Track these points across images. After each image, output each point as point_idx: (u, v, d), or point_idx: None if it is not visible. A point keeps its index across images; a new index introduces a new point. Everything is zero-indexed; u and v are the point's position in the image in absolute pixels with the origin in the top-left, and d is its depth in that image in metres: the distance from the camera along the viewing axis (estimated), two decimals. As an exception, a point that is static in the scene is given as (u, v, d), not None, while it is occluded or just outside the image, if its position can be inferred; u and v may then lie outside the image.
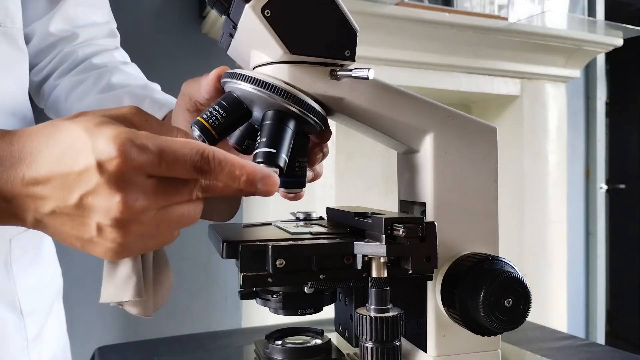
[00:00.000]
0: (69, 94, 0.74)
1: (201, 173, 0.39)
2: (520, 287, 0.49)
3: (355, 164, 1.96)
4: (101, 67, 0.76)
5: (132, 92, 0.70)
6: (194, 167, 0.38)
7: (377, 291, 0.45)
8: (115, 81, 0.73)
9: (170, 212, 0.40)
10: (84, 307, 1.70)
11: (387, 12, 1.61)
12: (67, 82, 0.75)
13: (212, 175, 0.39)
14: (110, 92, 0.71)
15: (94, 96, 0.71)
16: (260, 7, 0.46)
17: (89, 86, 0.73)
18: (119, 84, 0.72)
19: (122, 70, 0.76)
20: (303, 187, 0.53)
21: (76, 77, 0.75)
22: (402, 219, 0.45)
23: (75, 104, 0.73)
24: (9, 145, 0.39)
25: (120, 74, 0.75)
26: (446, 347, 0.53)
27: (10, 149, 0.39)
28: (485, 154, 0.55)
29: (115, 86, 0.72)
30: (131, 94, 0.70)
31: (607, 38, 2.00)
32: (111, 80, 0.73)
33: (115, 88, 0.72)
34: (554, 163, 2.04)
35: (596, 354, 0.76)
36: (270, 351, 0.56)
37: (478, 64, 1.86)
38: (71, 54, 0.77)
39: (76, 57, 0.77)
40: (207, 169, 0.38)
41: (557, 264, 2.05)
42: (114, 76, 0.73)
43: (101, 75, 0.74)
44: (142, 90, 0.71)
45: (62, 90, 0.75)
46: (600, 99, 2.55)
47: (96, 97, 0.71)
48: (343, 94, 0.50)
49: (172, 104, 0.68)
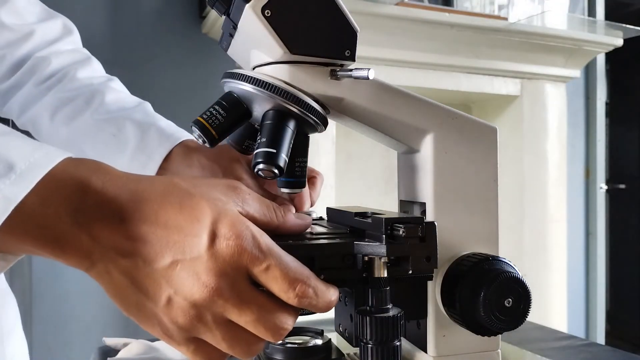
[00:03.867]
0: (54, 113, 0.69)
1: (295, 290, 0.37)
2: (520, 287, 0.49)
3: (355, 164, 1.96)
4: (87, 82, 0.71)
5: (134, 118, 0.67)
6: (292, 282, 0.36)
7: (377, 291, 0.45)
8: (109, 101, 0.69)
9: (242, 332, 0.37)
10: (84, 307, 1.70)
11: (387, 12, 1.61)
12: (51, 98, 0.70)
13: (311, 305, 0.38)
14: (107, 116, 0.67)
15: (89, 119, 0.67)
16: (260, 7, 0.46)
17: (80, 106, 0.68)
18: (114, 106, 0.68)
19: (111, 87, 0.72)
20: (303, 187, 0.54)
21: (62, 94, 0.70)
22: (402, 219, 0.45)
23: (64, 125, 0.68)
24: None
25: (111, 92, 0.70)
26: (446, 347, 0.53)
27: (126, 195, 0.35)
28: (485, 154, 0.55)
29: (111, 108, 0.68)
30: (134, 121, 0.66)
31: (607, 38, 2.00)
32: (105, 100, 0.69)
33: (112, 110, 0.68)
34: (554, 163, 2.04)
35: (596, 354, 0.76)
36: (270, 351, 0.56)
37: (478, 64, 1.86)
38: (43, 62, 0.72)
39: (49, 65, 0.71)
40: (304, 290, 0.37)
41: (557, 264, 2.05)
42: (106, 96, 0.69)
43: (93, 94, 0.69)
44: (144, 116, 0.68)
45: (46, 107, 0.70)
46: (600, 99, 2.55)
47: (93, 120, 0.67)
48: (343, 94, 0.50)
49: (178, 137, 0.65)
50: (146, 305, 0.35)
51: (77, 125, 0.68)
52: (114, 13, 1.73)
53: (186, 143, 0.66)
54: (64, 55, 0.74)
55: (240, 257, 0.35)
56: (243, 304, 0.35)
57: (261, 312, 0.36)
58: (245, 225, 0.35)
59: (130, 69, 1.72)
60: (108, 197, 0.35)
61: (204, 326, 0.35)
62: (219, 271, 0.34)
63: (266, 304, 0.36)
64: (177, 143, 0.65)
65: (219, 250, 0.34)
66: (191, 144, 0.65)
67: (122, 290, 0.36)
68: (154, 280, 0.35)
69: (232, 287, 0.35)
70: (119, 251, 0.34)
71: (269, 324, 0.36)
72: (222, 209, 0.36)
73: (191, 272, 0.34)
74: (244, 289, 0.35)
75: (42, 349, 1.67)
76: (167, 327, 0.36)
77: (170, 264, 0.34)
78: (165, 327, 0.36)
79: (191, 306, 0.35)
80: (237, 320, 0.36)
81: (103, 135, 0.66)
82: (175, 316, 0.35)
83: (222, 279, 0.34)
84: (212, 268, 0.34)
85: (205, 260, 0.34)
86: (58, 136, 0.69)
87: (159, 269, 0.34)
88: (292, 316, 0.38)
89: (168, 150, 0.64)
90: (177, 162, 0.64)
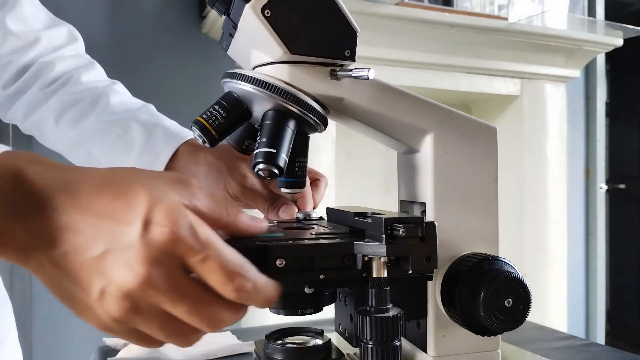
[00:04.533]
0: (60, 116, 0.69)
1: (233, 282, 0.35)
2: (520, 287, 0.49)
3: (355, 164, 1.96)
4: (91, 85, 0.72)
5: (140, 119, 0.67)
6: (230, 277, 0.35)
7: (377, 291, 0.45)
8: (114, 103, 0.69)
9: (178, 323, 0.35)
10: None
11: (387, 12, 1.61)
12: (56, 101, 0.70)
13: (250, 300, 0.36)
14: (113, 117, 0.68)
15: (94, 120, 0.68)
16: (260, 7, 0.46)
17: (85, 108, 0.69)
18: (119, 108, 0.69)
19: (115, 90, 0.72)
20: (303, 187, 0.54)
21: (67, 97, 0.70)
22: (402, 219, 0.45)
23: (69, 127, 0.69)
24: None
25: (115, 94, 0.71)
26: (446, 347, 0.53)
27: None
28: (485, 154, 0.55)
29: (116, 110, 0.69)
30: (139, 122, 0.67)
31: (607, 38, 1.99)
32: (110, 102, 0.69)
33: (117, 112, 0.68)
34: (554, 163, 2.04)
35: (596, 354, 0.76)
36: (270, 351, 0.56)
37: (478, 64, 1.85)
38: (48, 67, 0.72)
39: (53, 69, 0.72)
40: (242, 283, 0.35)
41: (557, 264, 2.05)
42: (111, 98, 0.70)
43: (98, 97, 0.70)
44: (150, 117, 0.68)
45: (50, 111, 0.70)
46: (600, 99, 2.55)
47: (98, 122, 0.67)
48: (343, 94, 0.50)
49: (184, 136, 0.66)
50: (80, 297, 0.34)
51: (83, 127, 0.68)
52: (113, 13, 1.73)
53: (192, 142, 0.66)
54: (68, 60, 0.74)
55: (175, 245, 0.33)
56: (177, 295, 0.34)
57: (196, 304, 0.35)
58: (182, 214, 0.34)
59: (130, 69, 1.72)
60: (41, 187, 0.34)
61: (139, 317, 0.34)
62: (151, 260, 0.33)
63: (202, 296, 0.35)
64: (183, 142, 0.65)
65: (152, 238, 0.33)
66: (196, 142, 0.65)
67: (57, 283, 0.34)
68: (86, 271, 0.33)
69: (166, 277, 0.33)
70: (50, 242, 0.33)
71: (204, 315, 0.35)
72: (159, 197, 0.34)
73: (123, 261, 0.33)
74: (178, 280, 0.34)
75: (42, 349, 1.67)
76: (103, 320, 0.34)
77: (101, 253, 0.33)
78: (101, 319, 0.34)
79: (124, 297, 0.33)
80: (172, 311, 0.34)
81: (109, 136, 0.67)
82: (109, 308, 0.33)
83: (155, 268, 0.33)
84: (145, 257, 0.33)
85: (137, 248, 0.33)
86: (64, 139, 0.70)
87: (90, 258, 0.33)
88: (229, 310, 0.36)
89: (174, 149, 0.65)
90: (184, 161, 0.65)
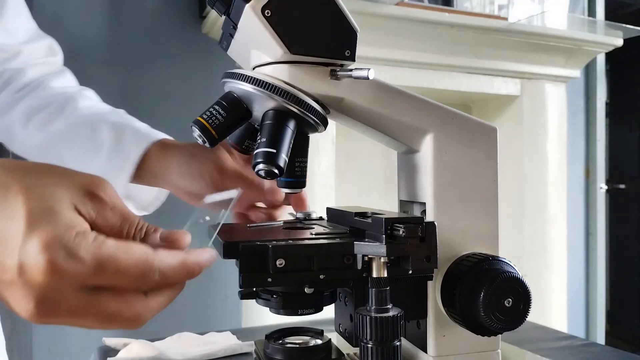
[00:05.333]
0: (28, 120, 0.67)
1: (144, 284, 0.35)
2: (520, 287, 0.49)
3: (355, 164, 1.96)
4: (61, 90, 0.70)
5: (109, 120, 0.65)
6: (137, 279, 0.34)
7: (377, 291, 0.45)
8: (82, 107, 0.68)
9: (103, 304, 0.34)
10: (84, 307, 1.70)
11: (387, 12, 1.61)
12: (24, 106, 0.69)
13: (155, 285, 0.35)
14: (81, 120, 0.66)
15: (62, 123, 0.66)
16: (260, 7, 0.46)
17: (54, 112, 0.67)
18: (88, 111, 0.67)
19: (85, 95, 0.70)
20: (303, 186, 0.54)
21: (36, 102, 0.68)
22: (402, 219, 0.45)
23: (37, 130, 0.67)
24: None
25: (84, 99, 0.69)
26: (446, 347, 0.53)
27: None
28: (485, 154, 0.55)
29: (84, 113, 0.67)
30: (108, 122, 0.65)
31: (607, 38, 1.99)
32: (78, 106, 0.67)
33: (86, 115, 0.66)
34: (554, 163, 2.04)
35: (596, 354, 0.76)
36: (270, 351, 0.56)
37: (478, 64, 1.85)
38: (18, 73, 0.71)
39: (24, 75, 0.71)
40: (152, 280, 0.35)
41: (557, 264, 2.05)
42: (80, 102, 0.68)
43: (67, 101, 0.68)
44: (119, 118, 0.66)
45: (19, 115, 0.68)
46: (600, 99, 2.55)
47: (66, 124, 0.66)
48: (343, 94, 0.50)
49: (154, 136, 0.64)
50: None
51: (51, 130, 0.66)
52: (114, 13, 1.73)
53: (163, 141, 0.64)
54: (39, 66, 0.73)
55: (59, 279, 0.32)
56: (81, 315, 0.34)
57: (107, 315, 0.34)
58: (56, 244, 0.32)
59: (130, 69, 1.72)
60: None
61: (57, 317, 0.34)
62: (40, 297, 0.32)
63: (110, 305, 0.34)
64: (153, 142, 0.64)
65: (32, 282, 0.32)
66: (167, 142, 0.64)
67: None
68: None
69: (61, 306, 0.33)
70: None
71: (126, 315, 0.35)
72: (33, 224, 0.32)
73: (9, 295, 0.32)
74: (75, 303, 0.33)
75: (43, 349, 1.67)
76: None
77: None
78: None
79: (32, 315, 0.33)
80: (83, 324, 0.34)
81: (78, 138, 0.65)
82: None
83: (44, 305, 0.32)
84: (32, 296, 0.32)
85: (20, 287, 0.32)
86: (32, 142, 0.68)
87: None
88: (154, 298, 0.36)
89: (144, 149, 0.63)
90: (155, 161, 0.63)
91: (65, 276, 0.32)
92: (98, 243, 0.33)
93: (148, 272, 0.34)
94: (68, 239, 0.32)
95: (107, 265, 0.33)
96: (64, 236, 0.32)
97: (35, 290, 0.32)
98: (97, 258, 0.33)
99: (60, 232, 0.32)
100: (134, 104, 1.74)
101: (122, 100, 1.70)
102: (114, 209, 0.36)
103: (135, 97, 1.72)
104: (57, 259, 0.31)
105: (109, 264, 0.33)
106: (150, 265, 0.35)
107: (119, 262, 0.33)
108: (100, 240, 0.33)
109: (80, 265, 0.32)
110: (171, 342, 0.78)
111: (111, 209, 0.36)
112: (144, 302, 0.36)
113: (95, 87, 0.75)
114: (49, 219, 0.32)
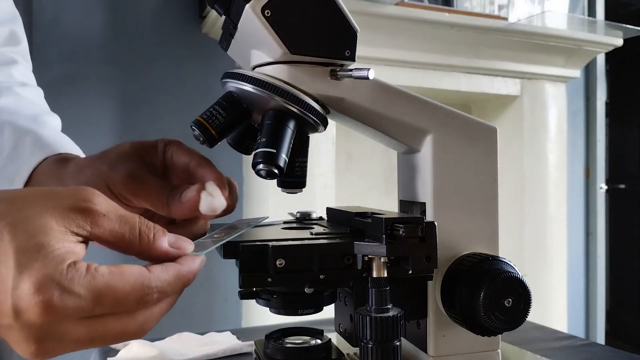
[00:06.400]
0: None
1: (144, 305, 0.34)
2: (520, 287, 0.49)
3: (355, 164, 1.96)
4: None
5: (16, 123, 0.59)
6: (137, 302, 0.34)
7: (377, 291, 0.45)
8: (3, 104, 0.62)
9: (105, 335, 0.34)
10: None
11: (387, 12, 1.61)
12: None
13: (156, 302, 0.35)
14: None
15: None
16: (260, 7, 0.46)
17: None
18: (6, 109, 0.61)
19: (15, 92, 0.64)
20: (303, 187, 0.53)
21: None
22: (402, 219, 0.45)
23: None
24: None
25: (11, 96, 0.63)
26: (446, 347, 0.53)
27: None
28: (485, 154, 0.55)
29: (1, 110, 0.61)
30: (14, 126, 0.59)
31: (607, 38, 1.99)
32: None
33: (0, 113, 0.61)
34: (554, 163, 2.04)
35: (596, 354, 0.76)
36: (270, 351, 0.56)
37: (478, 64, 1.85)
38: None
39: None
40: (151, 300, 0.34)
41: (557, 264, 2.05)
42: (2, 98, 0.62)
43: None
44: (30, 122, 0.60)
45: None
46: (600, 99, 2.55)
47: None
48: (343, 94, 0.50)
49: (56, 148, 0.57)
50: None
51: None
52: (114, 13, 1.73)
53: (64, 156, 0.57)
54: None
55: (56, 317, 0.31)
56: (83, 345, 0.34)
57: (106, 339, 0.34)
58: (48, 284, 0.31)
59: (130, 69, 1.72)
60: None
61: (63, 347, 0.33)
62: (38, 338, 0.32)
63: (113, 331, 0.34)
64: (51, 154, 0.56)
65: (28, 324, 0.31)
66: (69, 156, 0.57)
67: None
68: None
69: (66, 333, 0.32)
70: None
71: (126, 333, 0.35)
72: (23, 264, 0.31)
73: (10, 338, 0.32)
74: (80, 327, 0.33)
75: (42, 349, 1.67)
76: None
77: None
78: None
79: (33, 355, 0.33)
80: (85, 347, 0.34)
81: None
82: None
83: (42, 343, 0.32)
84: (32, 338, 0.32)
85: (18, 331, 0.32)
86: None
87: None
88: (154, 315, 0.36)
89: (37, 162, 0.56)
90: (46, 177, 0.56)
91: (63, 313, 0.31)
92: (91, 273, 0.32)
93: (146, 294, 0.34)
94: (60, 276, 0.31)
95: (105, 295, 0.32)
96: (55, 273, 0.31)
97: (35, 331, 0.31)
98: (93, 290, 0.32)
99: (51, 269, 0.31)
100: (134, 104, 1.74)
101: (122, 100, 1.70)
102: (107, 215, 0.35)
103: (135, 97, 1.72)
104: (51, 299, 0.31)
105: (106, 295, 0.32)
106: (148, 287, 0.34)
107: (116, 290, 0.33)
108: (92, 269, 0.32)
109: (77, 300, 0.31)
110: (171, 342, 0.78)
111: (104, 216, 0.35)
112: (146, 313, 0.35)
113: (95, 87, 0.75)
114: (38, 255, 0.31)
